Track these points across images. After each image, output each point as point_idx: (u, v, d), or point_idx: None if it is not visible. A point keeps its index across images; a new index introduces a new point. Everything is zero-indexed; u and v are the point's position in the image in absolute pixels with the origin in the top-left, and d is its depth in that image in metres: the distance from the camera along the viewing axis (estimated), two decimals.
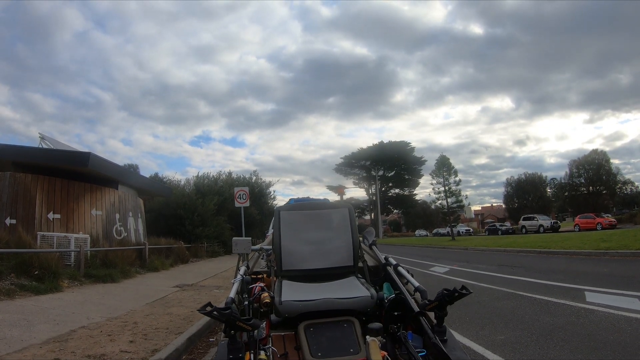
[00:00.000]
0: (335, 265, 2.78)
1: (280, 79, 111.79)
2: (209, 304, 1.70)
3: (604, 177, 47.19)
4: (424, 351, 1.91)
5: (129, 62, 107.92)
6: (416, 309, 2.11)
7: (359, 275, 2.76)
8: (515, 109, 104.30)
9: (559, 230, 33.00)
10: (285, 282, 2.55)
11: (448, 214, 32.27)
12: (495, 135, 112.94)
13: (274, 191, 49.60)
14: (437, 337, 1.85)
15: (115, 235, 12.77)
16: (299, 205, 3.15)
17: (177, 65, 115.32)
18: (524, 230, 36.44)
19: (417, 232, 67.13)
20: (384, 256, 2.99)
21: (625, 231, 17.76)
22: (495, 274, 9.21)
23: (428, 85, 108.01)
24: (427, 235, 60.67)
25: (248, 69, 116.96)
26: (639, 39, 71.05)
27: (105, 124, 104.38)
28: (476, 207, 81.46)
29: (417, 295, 2.25)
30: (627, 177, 52.10)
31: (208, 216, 22.28)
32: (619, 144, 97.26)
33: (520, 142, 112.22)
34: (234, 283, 2.42)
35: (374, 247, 3.24)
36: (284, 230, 2.84)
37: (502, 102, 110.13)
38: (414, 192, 73.58)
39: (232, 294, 2.18)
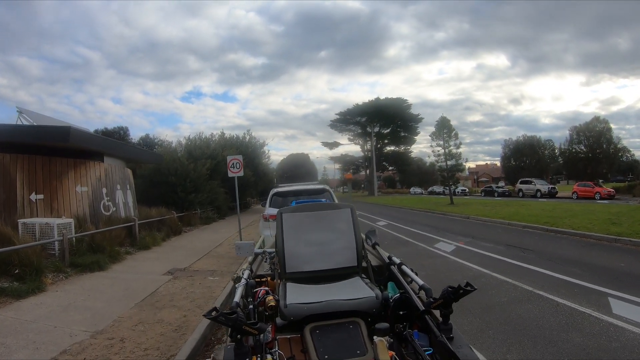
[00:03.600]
0: (340, 266, 2.79)
1: (271, 33, 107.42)
2: (215, 309, 1.65)
3: (604, 146, 46.55)
4: (430, 349, 1.90)
5: (114, 20, 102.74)
6: (421, 307, 2.12)
7: (363, 276, 2.75)
8: (511, 67, 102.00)
9: (557, 195, 32.98)
10: (289, 285, 2.54)
11: (448, 178, 31.79)
12: (490, 93, 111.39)
13: (269, 150, 48.63)
14: (443, 335, 1.84)
15: (103, 212, 12.12)
16: (301, 207, 3.07)
17: (165, 21, 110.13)
18: (520, 193, 36.57)
19: (412, 190, 67.48)
20: (387, 255, 2.99)
21: (632, 209, 17.43)
22: (506, 259, 8.81)
23: (422, 40, 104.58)
24: (422, 194, 60.93)
25: (237, 23, 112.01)
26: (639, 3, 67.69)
27: (94, 83, 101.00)
28: (470, 165, 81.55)
29: (422, 293, 2.25)
30: (622, 143, 51.61)
31: (201, 182, 21.56)
32: (614, 108, 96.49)
33: (515, 101, 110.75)
34: (237, 287, 2.39)
35: (377, 247, 3.30)
36: (287, 233, 2.84)
37: (498, 60, 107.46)
38: (410, 150, 73.20)
39: (237, 297, 2.17)
